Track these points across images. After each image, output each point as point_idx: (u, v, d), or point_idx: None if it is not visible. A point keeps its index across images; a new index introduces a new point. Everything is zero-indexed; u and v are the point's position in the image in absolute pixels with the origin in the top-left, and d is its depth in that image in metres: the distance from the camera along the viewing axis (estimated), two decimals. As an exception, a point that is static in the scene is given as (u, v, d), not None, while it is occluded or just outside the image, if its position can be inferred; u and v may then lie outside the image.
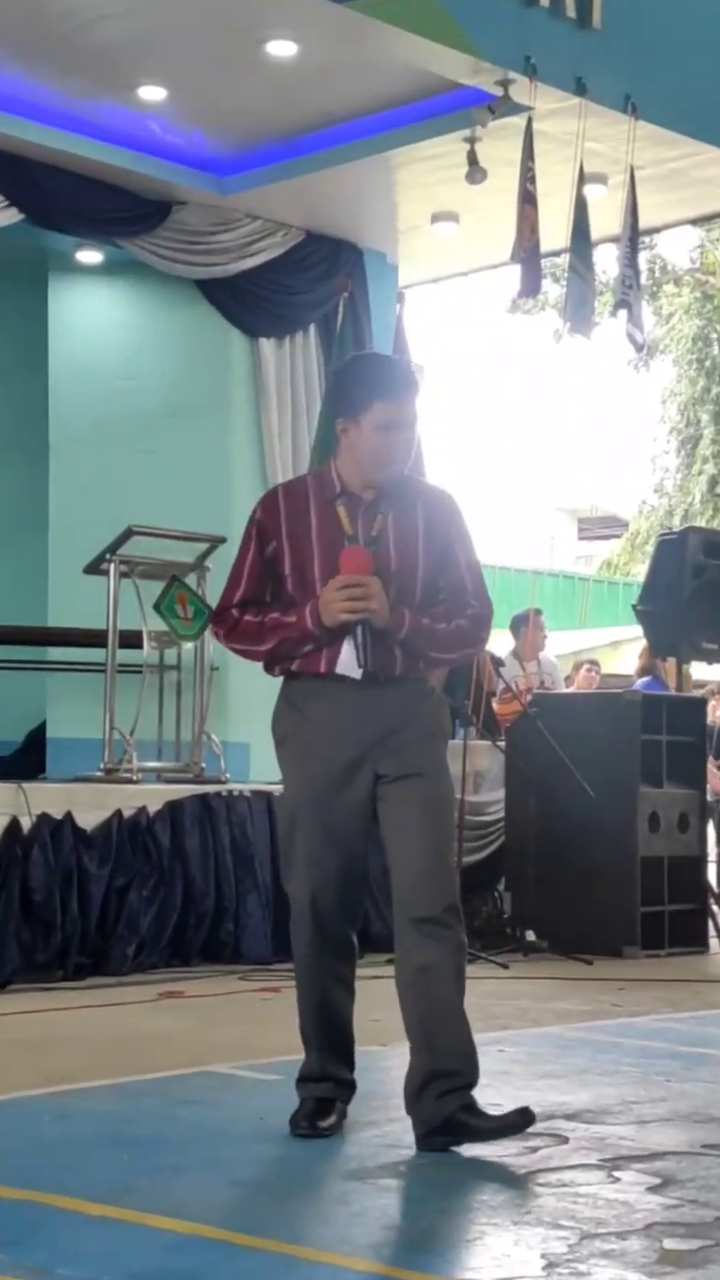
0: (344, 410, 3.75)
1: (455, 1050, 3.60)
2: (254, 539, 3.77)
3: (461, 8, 7.37)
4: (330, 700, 3.67)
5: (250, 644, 3.74)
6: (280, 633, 3.67)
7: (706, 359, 24.87)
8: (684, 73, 8.41)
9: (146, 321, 9.72)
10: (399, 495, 3.75)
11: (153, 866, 6.83)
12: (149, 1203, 3.06)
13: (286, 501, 3.75)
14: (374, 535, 3.68)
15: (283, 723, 3.76)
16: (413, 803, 3.65)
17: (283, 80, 7.94)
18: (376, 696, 3.66)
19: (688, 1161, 3.49)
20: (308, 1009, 3.74)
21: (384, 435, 3.68)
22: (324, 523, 3.70)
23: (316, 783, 3.66)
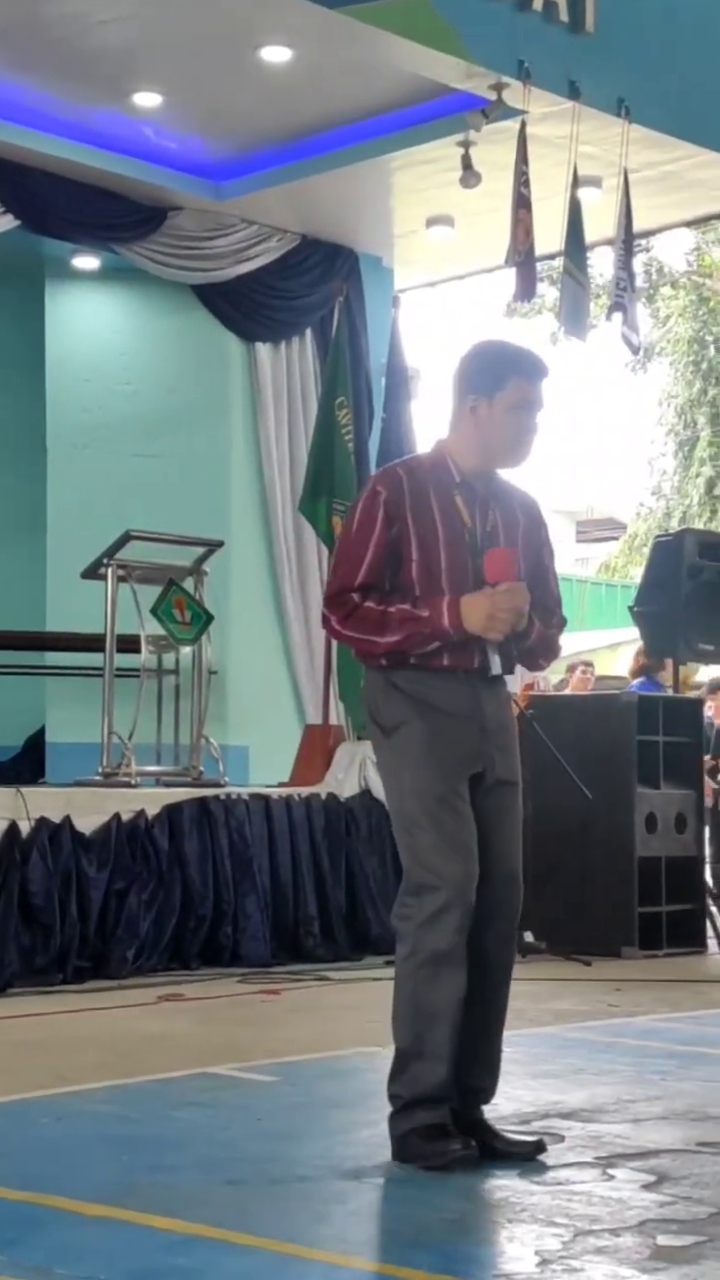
0: (475, 384, 3.56)
1: (488, 1070, 3.55)
2: (380, 518, 3.49)
3: (455, 12, 7.41)
4: (447, 691, 3.49)
5: (370, 633, 3.47)
6: (410, 627, 3.44)
7: (703, 361, 24.90)
8: (677, 76, 8.45)
9: (143, 326, 9.76)
10: (504, 492, 3.65)
11: (151, 870, 6.85)
12: (147, 1203, 3.09)
13: (410, 483, 3.53)
14: (488, 530, 3.56)
15: (394, 710, 3.50)
16: (512, 811, 3.59)
17: (277, 85, 7.98)
18: (486, 692, 3.55)
19: (682, 1159, 3.51)
20: (440, 1015, 3.39)
21: (519, 415, 3.55)
22: (445, 511, 3.52)
23: (446, 771, 3.45)
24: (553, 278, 15.24)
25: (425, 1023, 3.40)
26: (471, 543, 3.53)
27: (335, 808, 7.59)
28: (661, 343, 24.84)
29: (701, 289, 24.47)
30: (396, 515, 3.50)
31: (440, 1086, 3.40)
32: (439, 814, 3.44)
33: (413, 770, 3.47)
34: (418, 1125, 3.39)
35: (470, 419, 3.57)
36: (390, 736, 3.52)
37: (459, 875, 3.42)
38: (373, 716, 3.58)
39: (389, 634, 3.46)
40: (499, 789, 3.56)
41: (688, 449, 25.34)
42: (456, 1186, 3.31)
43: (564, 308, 8.40)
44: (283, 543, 9.74)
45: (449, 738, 3.48)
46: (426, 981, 3.41)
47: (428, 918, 3.41)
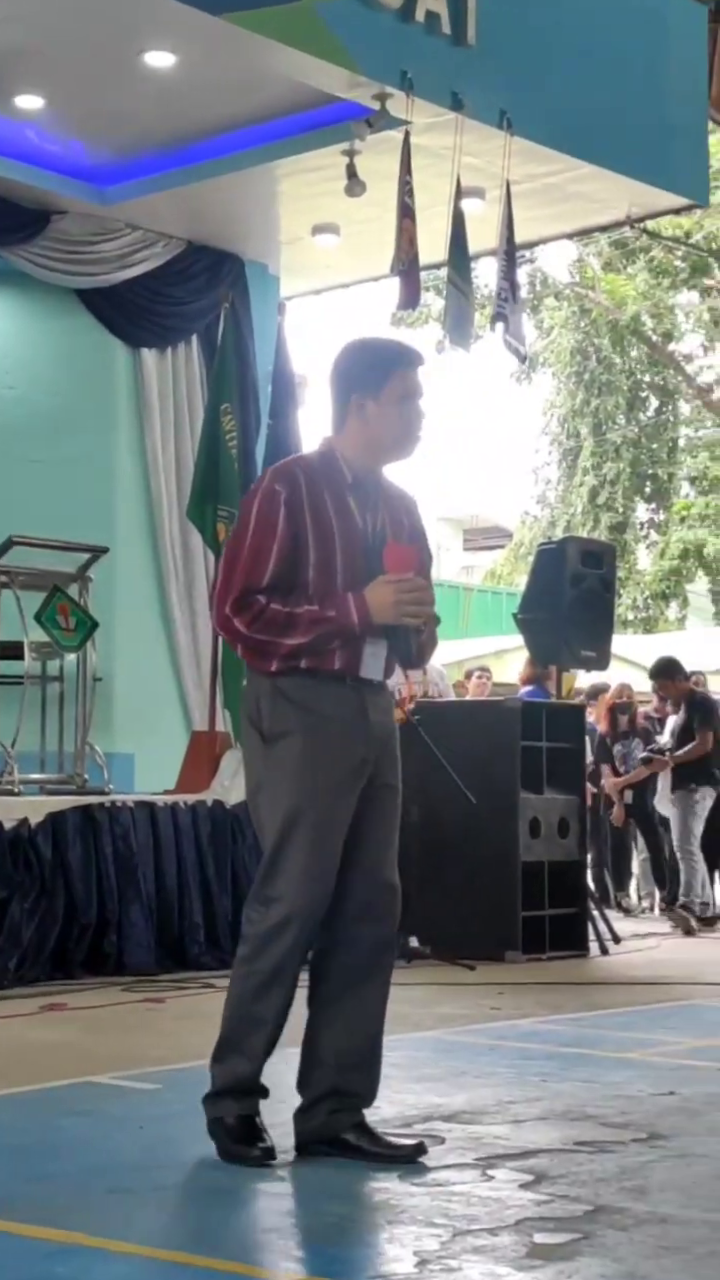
0: (359, 384, 3.55)
1: (367, 1075, 3.57)
2: (282, 517, 3.45)
3: (339, 22, 7.45)
4: (336, 698, 3.48)
5: (277, 635, 3.43)
6: (319, 628, 3.42)
7: (585, 372, 25.25)
8: (558, 89, 8.57)
9: (26, 330, 9.67)
10: (391, 492, 3.65)
11: (34, 878, 6.78)
12: (27, 1212, 3.06)
13: (307, 482, 3.50)
14: (378, 530, 3.57)
15: (280, 719, 3.46)
16: (391, 817, 3.60)
17: (162, 91, 7.97)
18: (373, 699, 3.55)
19: (560, 1158, 3.55)
20: (263, 1021, 3.46)
21: (406, 407, 3.55)
22: (340, 512, 3.51)
23: (325, 785, 3.44)
24: (438, 287, 15.38)
25: (249, 1025, 3.49)
26: (364, 543, 3.53)
27: (221, 815, 7.57)
28: (545, 353, 25.14)
29: (584, 301, 24.80)
30: (296, 515, 3.47)
31: (249, 1081, 3.51)
32: (309, 837, 3.44)
33: (292, 785, 3.46)
34: (225, 1115, 3.51)
35: (358, 417, 3.57)
36: (272, 745, 3.49)
37: (310, 902, 3.45)
38: (253, 721, 3.53)
39: (296, 635, 3.43)
40: (381, 794, 3.57)
41: (571, 458, 25.68)
42: (337, 1189, 3.32)
43: (448, 317, 8.48)
44: (169, 549, 9.71)
45: (334, 750, 3.47)
46: (257, 991, 3.48)
47: (270, 931, 3.45)
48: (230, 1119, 3.49)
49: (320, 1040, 3.55)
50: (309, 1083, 3.56)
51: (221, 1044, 3.52)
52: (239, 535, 3.52)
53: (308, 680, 3.48)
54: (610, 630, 8.85)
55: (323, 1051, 3.54)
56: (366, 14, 7.60)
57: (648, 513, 26.69)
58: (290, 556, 3.47)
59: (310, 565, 3.47)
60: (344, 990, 3.53)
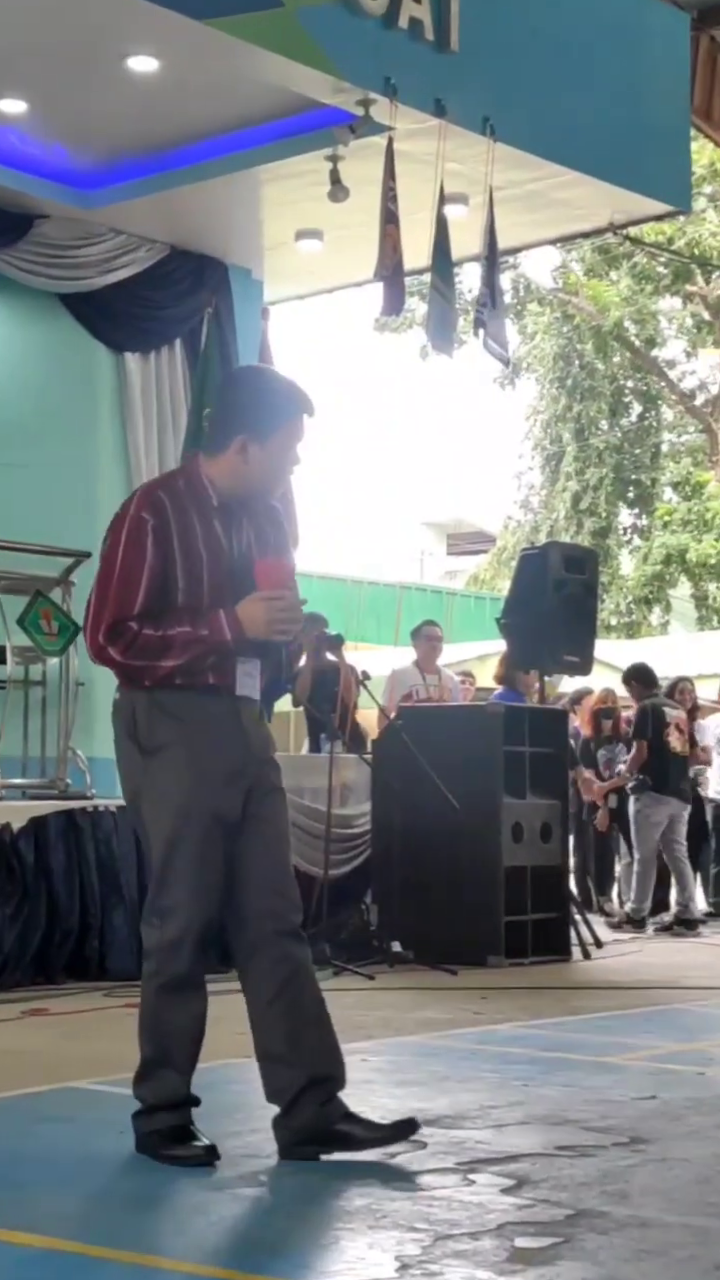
0: (248, 425, 3.57)
1: (329, 1055, 3.60)
2: (150, 544, 3.51)
3: (322, 28, 7.45)
4: (213, 710, 3.55)
5: (152, 659, 3.49)
6: (194, 648, 3.49)
7: (568, 377, 25.30)
8: (541, 96, 8.58)
9: (9, 335, 9.65)
10: (255, 509, 3.71)
11: (16, 884, 6.77)
12: (5, 1218, 3.05)
13: (173, 507, 3.55)
14: (243, 549, 3.63)
15: (158, 733, 3.53)
16: (278, 819, 3.67)
17: (145, 95, 7.96)
18: (247, 708, 3.64)
19: (542, 1163, 3.55)
20: (178, 1033, 3.54)
21: (288, 455, 3.62)
22: (206, 535, 3.57)
23: (206, 794, 3.52)
24: (422, 293, 15.40)
25: (168, 1038, 3.56)
26: (229, 564, 3.60)
27: (203, 820, 7.56)
28: (528, 359, 25.19)
29: (567, 306, 24.85)
30: (163, 542, 3.53)
31: (180, 1093, 3.57)
32: (196, 846, 3.52)
33: (173, 797, 3.53)
34: (161, 1128, 3.56)
35: (239, 455, 3.60)
36: (152, 758, 3.55)
37: (204, 910, 3.53)
38: (130, 734, 3.58)
39: (172, 657, 3.50)
40: (265, 799, 3.64)
41: (554, 463, 25.73)
42: (318, 1194, 3.32)
43: (431, 322, 8.49)
44: (151, 554, 9.69)
45: (213, 758, 3.55)
46: (168, 1003, 3.55)
47: (169, 943, 3.54)
48: (165, 1130, 3.55)
49: (274, 1041, 3.58)
50: (281, 1085, 3.58)
51: (145, 1063, 3.59)
52: (108, 563, 3.57)
53: (184, 694, 3.55)
54: (593, 635, 8.87)
55: (280, 1051, 3.57)
56: (350, 20, 7.61)
57: (631, 518, 26.75)
58: (160, 582, 3.52)
59: (179, 589, 3.54)
60: (272, 987, 3.57)
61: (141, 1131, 3.58)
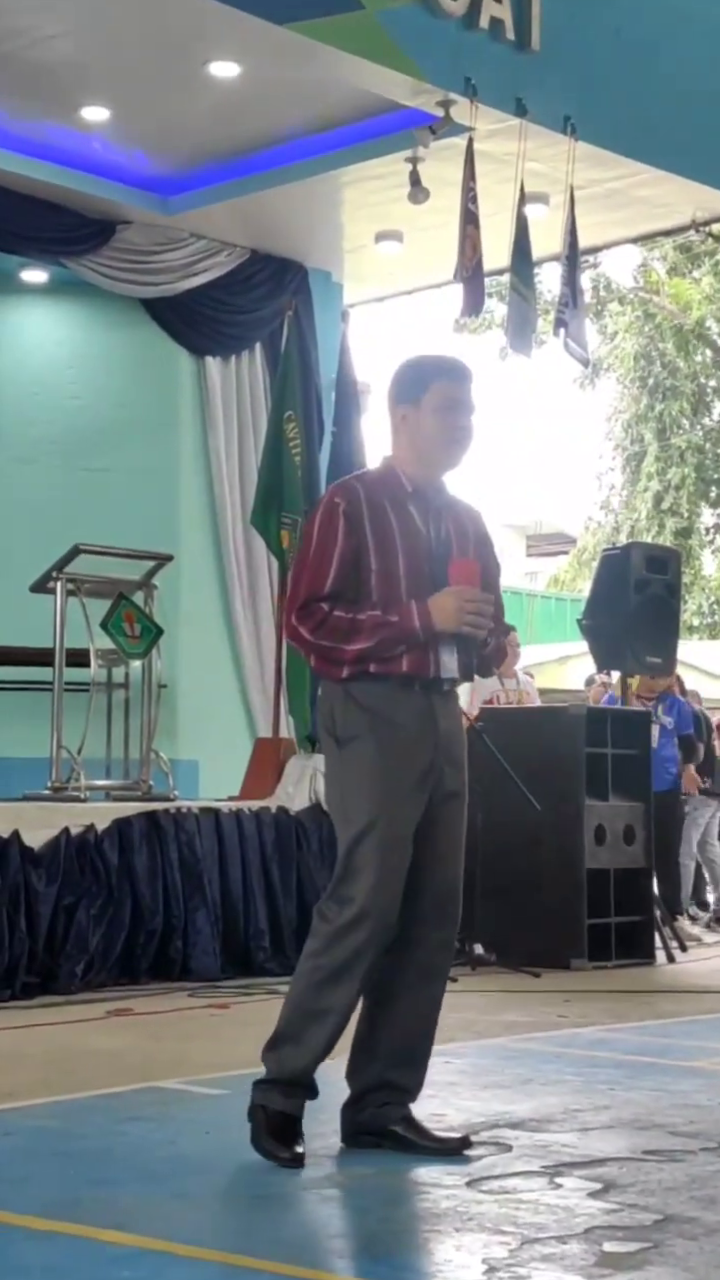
0: (402, 396, 3.68)
1: (417, 1070, 3.65)
2: (341, 528, 3.57)
3: (402, 30, 7.46)
4: (405, 704, 3.57)
5: (340, 640, 3.53)
6: (382, 632, 3.52)
7: (649, 377, 25.10)
8: (621, 94, 8.53)
9: (92, 340, 9.75)
10: (456, 504, 3.76)
11: (101, 884, 6.82)
12: (93, 1216, 3.08)
13: (366, 494, 3.62)
14: (443, 539, 3.67)
15: (352, 723, 3.56)
16: (457, 824, 3.68)
17: (226, 100, 8.01)
18: (441, 704, 3.64)
19: (629, 1167, 3.53)
20: (319, 1013, 3.53)
21: (446, 416, 3.66)
22: (401, 521, 3.62)
23: (396, 787, 3.53)
24: (501, 293, 15.35)
25: (310, 1018, 3.55)
26: (427, 550, 3.63)
27: (285, 821, 7.59)
28: (609, 358, 25.03)
29: (648, 305, 24.67)
30: (356, 525, 3.58)
31: (300, 1074, 3.56)
32: (381, 840, 3.52)
33: (364, 787, 3.55)
34: (270, 1107, 3.56)
35: (404, 429, 3.70)
36: (344, 749, 3.60)
37: (382, 902, 3.52)
38: (327, 727, 3.64)
39: (359, 640, 3.53)
40: (446, 802, 3.64)
41: (635, 463, 25.53)
42: (404, 1196, 3.32)
43: (510, 323, 8.46)
44: (233, 556, 9.74)
45: (402, 755, 3.56)
46: (323, 984, 3.54)
47: (341, 928, 3.53)
48: (273, 1110, 3.56)
49: (377, 1034, 3.63)
50: (359, 1074, 3.65)
51: (277, 1035, 3.60)
52: (303, 548, 3.66)
53: (377, 685, 3.57)
54: (675, 636, 8.79)
55: (378, 1045, 3.63)
56: (430, 21, 7.61)
57: (713, 517, 26.48)
58: (352, 565, 3.57)
59: (373, 573, 3.58)
60: (405, 988, 3.61)
61: (254, 1101, 3.60)
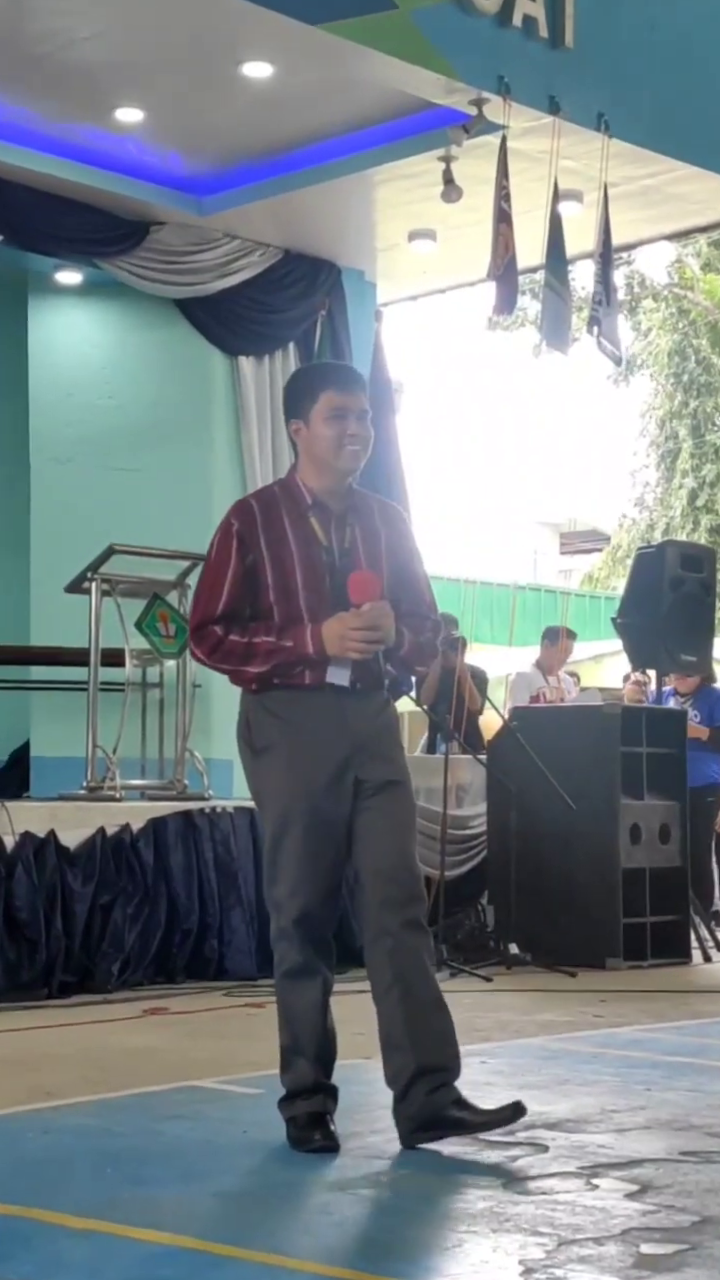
0: (293, 410, 3.77)
1: (442, 1045, 3.68)
2: (234, 549, 3.68)
3: (435, 28, 7.45)
4: (313, 708, 3.67)
5: (237, 664, 3.66)
6: (276, 658, 3.63)
7: (684, 374, 24.98)
8: (656, 90, 8.50)
9: (126, 341, 9.77)
10: (362, 507, 3.80)
11: (137, 884, 6.85)
12: (131, 1215, 3.09)
13: (261, 511, 3.71)
14: (346, 547, 3.72)
15: (264, 733, 3.70)
16: (394, 809, 3.72)
17: (259, 101, 8.01)
18: (355, 703, 3.71)
19: (666, 1168, 3.52)
20: (300, 1018, 3.70)
21: (336, 424, 3.71)
22: (299, 534, 3.70)
23: (306, 790, 3.64)
24: (535, 291, 15.32)
25: (295, 1024, 3.72)
26: (329, 561, 3.70)
27: (320, 820, 7.59)
28: (643, 355, 24.93)
29: (682, 302, 24.56)
30: (250, 544, 3.68)
31: (310, 1081, 3.70)
32: (280, 842, 3.67)
33: (278, 796, 3.68)
34: (298, 1114, 3.70)
35: (300, 443, 3.77)
36: (258, 758, 3.72)
37: (306, 903, 3.66)
38: (244, 736, 3.76)
39: (255, 665, 3.66)
40: (379, 792, 3.70)
41: (670, 460, 25.42)
42: (441, 1196, 3.32)
43: (545, 321, 8.44)
44: (266, 556, 9.74)
45: (312, 758, 3.66)
46: (289, 990, 3.72)
47: (278, 934, 3.72)
48: (300, 1116, 3.69)
49: (392, 1027, 3.68)
50: (397, 1073, 3.68)
51: (282, 1052, 3.75)
52: (204, 568, 3.75)
53: (286, 693, 3.68)
54: (711, 635, 8.77)
55: (397, 1037, 3.67)
56: (463, 19, 7.60)
57: (748, 515, 26.34)
58: (246, 586, 3.68)
59: (270, 590, 3.67)
60: (391, 976, 3.67)
61: (284, 1117, 3.74)
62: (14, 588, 9.66)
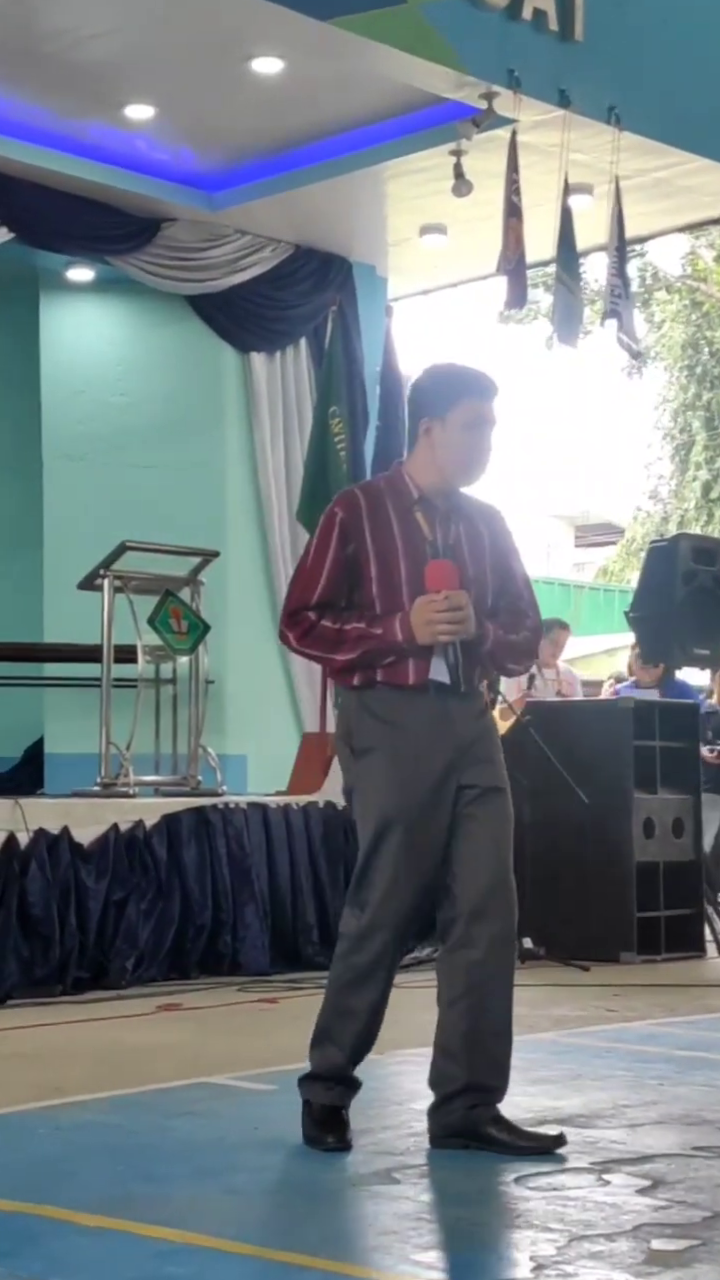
0: (429, 408, 3.69)
1: (498, 1068, 3.65)
2: (336, 538, 3.64)
3: (445, 22, 7.43)
4: (417, 711, 3.62)
5: (326, 650, 3.63)
6: (365, 644, 3.58)
7: (697, 365, 24.93)
8: (666, 83, 8.47)
9: (138, 338, 9.78)
10: (465, 507, 3.77)
11: (150, 880, 6.86)
12: (143, 1212, 3.10)
13: (367, 502, 3.67)
14: (450, 544, 3.69)
15: (367, 734, 3.63)
16: (496, 818, 3.69)
17: (269, 96, 8.01)
18: (458, 707, 3.66)
19: (678, 1164, 3.52)
20: (353, 1015, 3.62)
21: (472, 433, 3.68)
22: (405, 528, 3.65)
23: (408, 795, 3.59)
24: (547, 284, 15.28)
25: (342, 1017, 3.66)
26: (433, 554, 3.66)
27: (333, 816, 7.59)
28: (656, 347, 24.87)
29: (696, 293, 24.51)
30: (353, 534, 3.63)
31: (337, 1070, 3.67)
32: (395, 849, 3.59)
33: (378, 799, 3.62)
34: (314, 1100, 3.69)
35: (425, 440, 3.71)
36: (359, 760, 3.67)
37: (396, 911, 3.60)
38: (344, 737, 3.71)
39: (345, 651, 3.61)
40: (481, 798, 3.66)
41: (683, 453, 25.37)
42: (452, 1193, 3.32)
43: (556, 314, 8.42)
44: (279, 552, 9.76)
45: (416, 761, 3.60)
46: (348, 986, 3.66)
47: (360, 933, 3.63)
48: (316, 1103, 3.67)
49: (450, 1038, 3.64)
50: (443, 1080, 3.65)
51: (318, 1033, 3.71)
52: (303, 556, 3.73)
53: (390, 693, 3.63)
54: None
55: (453, 1049, 3.63)
56: (473, 13, 7.58)
57: (763, 507, 26.29)
58: (346, 574, 3.64)
59: (373, 581, 3.63)
60: (469, 988, 3.62)
61: (302, 1096, 3.73)
62: (27, 585, 9.68)
